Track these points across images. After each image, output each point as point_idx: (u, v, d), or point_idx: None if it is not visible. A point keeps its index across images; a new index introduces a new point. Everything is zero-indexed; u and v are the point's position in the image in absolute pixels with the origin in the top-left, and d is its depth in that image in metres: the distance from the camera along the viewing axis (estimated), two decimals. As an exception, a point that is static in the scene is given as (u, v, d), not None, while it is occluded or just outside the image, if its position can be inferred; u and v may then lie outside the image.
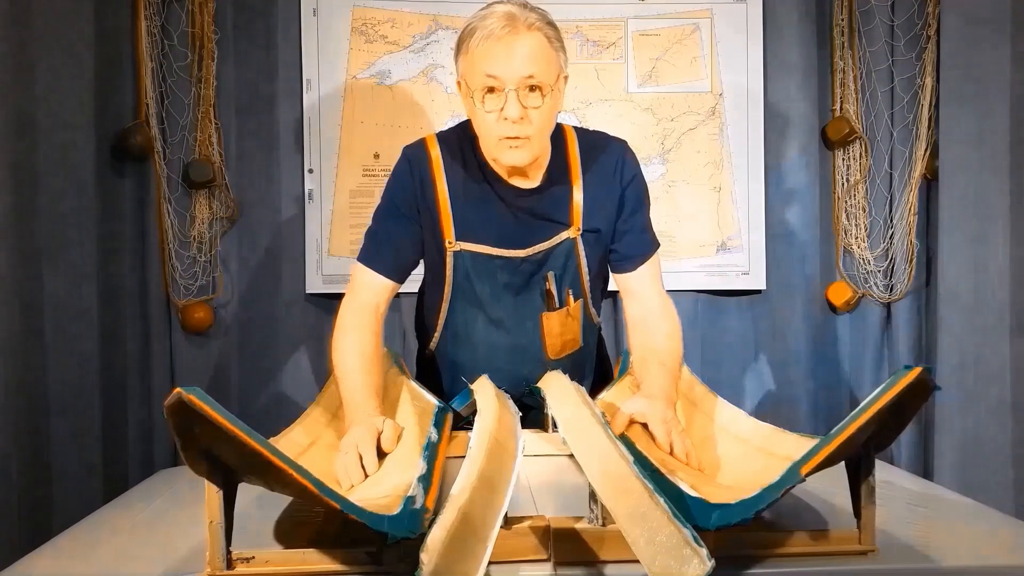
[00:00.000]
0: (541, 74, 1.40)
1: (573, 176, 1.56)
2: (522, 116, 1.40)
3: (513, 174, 1.52)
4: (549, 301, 1.59)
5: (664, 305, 1.56)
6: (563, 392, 1.32)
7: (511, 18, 1.39)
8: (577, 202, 1.55)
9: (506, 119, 1.40)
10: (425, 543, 0.79)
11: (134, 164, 2.42)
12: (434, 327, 1.66)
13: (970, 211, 2.37)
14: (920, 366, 0.89)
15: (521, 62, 1.38)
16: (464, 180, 1.54)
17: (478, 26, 1.40)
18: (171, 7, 2.47)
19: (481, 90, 1.41)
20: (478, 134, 1.50)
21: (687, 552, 0.79)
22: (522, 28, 1.38)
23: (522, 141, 1.42)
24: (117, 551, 1.07)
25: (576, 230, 1.56)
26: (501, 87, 1.39)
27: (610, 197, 1.57)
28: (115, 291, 2.32)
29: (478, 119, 1.46)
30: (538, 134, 1.45)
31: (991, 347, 2.33)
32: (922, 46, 2.55)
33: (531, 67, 1.39)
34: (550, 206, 1.55)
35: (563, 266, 1.58)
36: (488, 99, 1.41)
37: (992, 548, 1.05)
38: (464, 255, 1.55)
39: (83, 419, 2.16)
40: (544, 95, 1.41)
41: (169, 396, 0.77)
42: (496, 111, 1.41)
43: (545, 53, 1.41)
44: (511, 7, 1.41)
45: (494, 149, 1.46)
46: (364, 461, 1.15)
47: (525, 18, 1.39)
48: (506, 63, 1.38)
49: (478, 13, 1.43)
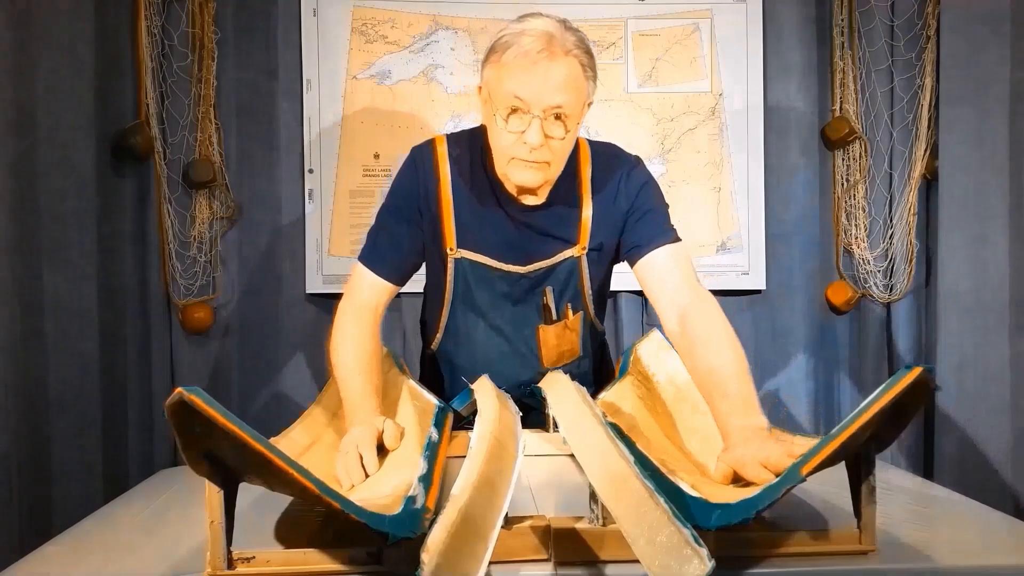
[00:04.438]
0: (569, 105, 1.34)
1: (583, 194, 1.52)
2: (542, 144, 1.35)
3: (522, 193, 1.49)
4: (546, 315, 1.57)
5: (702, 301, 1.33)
6: (563, 392, 1.31)
7: (549, 40, 1.32)
8: (585, 220, 1.52)
9: (525, 143, 1.35)
10: (426, 543, 0.79)
11: (134, 164, 2.42)
12: (435, 328, 1.66)
13: (970, 211, 2.37)
14: (920, 366, 0.89)
15: (552, 91, 1.32)
16: (469, 187, 1.51)
17: (514, 41, 1.33)
18: (171, 7, 2.47)
19: (505, 108, 1.35)
20: (492, 147, 1.45)
21: (687, 552, 0.79)
22: (559, 53, 1.32)
23: (539, 165, 1.39)
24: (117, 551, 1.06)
25: (582, 248, 1.53)
26: (526, 110, 1.34)
27: (616, 213, 1.52)
28: (115, 291, 2.32)
29: (495, 134, 1.40)
30: (556, 161, 1.41)
31: (991, 347, 2.33)
32: (922, 46, 2.55)
33: (561, 97, 1.33)
34: (555, 223, 1.52)
35: (564, 282, 1.56)
36: (512, 119, 1.35)
37: (992, 548, 1.05)
38: (464, 262, 1.54)
39: (83, 419, 2.16)
40: (568, 128, 1.36)
41: (170, 396, 0.77)
42: (517, 132, 1.36)
43: (577, 83, 1.35)
44: (550, 26, 1.34)
45: (506, 166, 1.42)
46: (364, 461, 1.15)
47: (563, 42, 1.33)
48: (536, 89, 1.32)
49: (516, 25, 1.36)
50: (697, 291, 1.36)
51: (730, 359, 1.22)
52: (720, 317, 1.29)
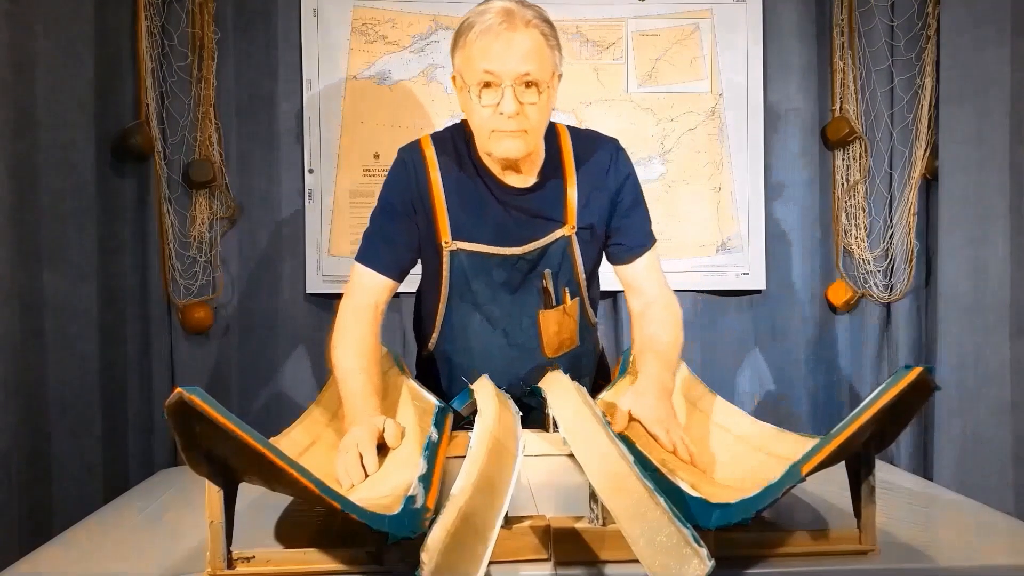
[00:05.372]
0: (537, 71, 1.41)
1: (567, 174, 1.57)
2: (518, 111, 1.41)
3: (507, 168, 1.53)
4: (546, 299, 1.60)
5: (665, 297, 1.58)
6: (563, 392, 1.32)
7: (509, 14, 1.40)
8: (571, 199, 1.57)
9: (502, 114, 1.41)
10: (425, 543, 0.79)
11: (134, 164, 2.42)
12: (432, 327, 1.66)
13: (970, 211, 2.37)
14: (920, 366, 0.89)
15: (518, 58, 1.39)
16: (459, 179, 1.55)
17: (475, 21, 1.41)
18: (171, 7, 2.47)
19: (478, 85, 1.42)
20: (473, 128, 1.51)
21: (687, 552, 0.79)
22: (520, 25, 1.40)
23: (518, 133, 1.44)
24: (117, 551, 1.07)
25: (571, 228, 1.57)
26: (498, 82, 1.40)
27: (603, 195, 1.59)
28: (115, 291, 2.32)
29: (473, 113, 1.47)
30: (533, 129, 1.46)
31: (991, 347, 2.33)
32: (922, 46, 2.55)
33: (528, 64, 1.40)
34: (544, 204, 1.56)
35: (559, 264, 1.59)
36: (484, 94, 1.42)
37: (992, 548, 1.05)
38: (460, 254, 1.56)
39: (83, 419, 2.16)
40: (540, 92, 1.43)
41: (170, 396, 0.77)
42: (492, 106, 1.42)
43: (541, 51, 1.42)
44: (508, 3, 1.42)
45: (488, 142, 1.47)
46: (364, 460, 1.15)
47: (522, 15, 1.41)
48: (503, 59, 1.39)
49: (475, 9, 1.44)
50: (664, 290, 1.60)
51: (669, 333, 1.51)
52: (675, 310, 1.56)
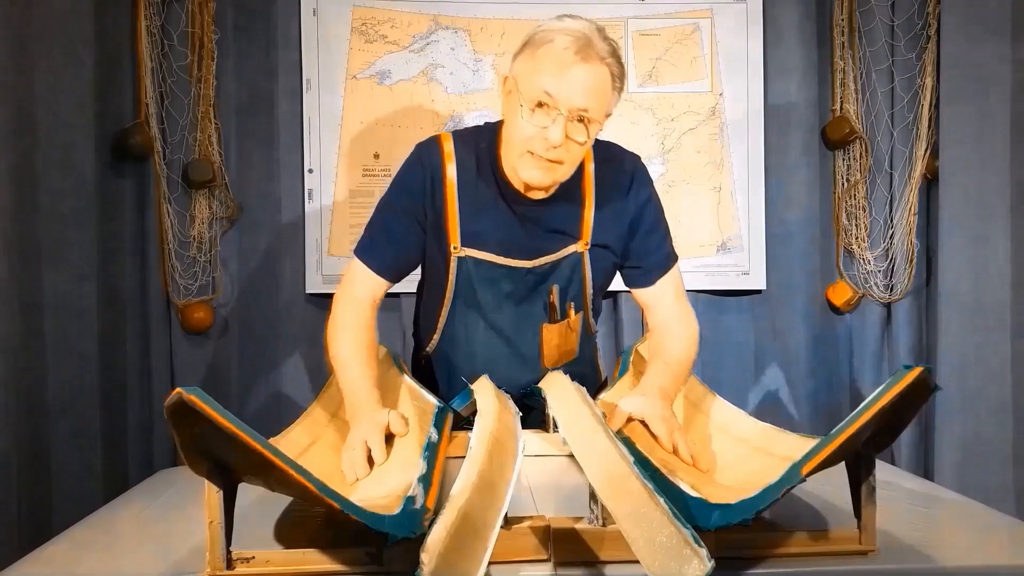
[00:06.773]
0: (595, 110, 1.37)
1: (586, 191, 1.53)
2: (562, 143, 1.37)
3: (528, 190, 1.49)
4: (552, 313, 1.58)
5: (683, 312, 1.56)
6: (563, 392, 1.31)
7: (587, 44, 1.34)
8: (588, 217, 1.53)
9: (546, 140, 1.36)
10: (425, 543, 0.79)
11: (134, 164, 2.42)
12: (433, 330, 1.64)
13: (970, 211, 2.37)
14: (920, 366, 0.89)
15: (581, 93, 1.34)
16: (475, 183, 1.51)
17: (551, 38, 1.35)
18: (171, 7, 2.47)
19: (532, 101, 1.36)
20: (507, 138, 1.45)
21: (687, 552, 0.79)
22: (594, 58, 1.34)
23: (553, 164, 1.40)
24: (117, 551, 1.06)
25: (584, 244, 1.54)
26: (553, 107, 1.35)
27: (622, 214, 1.55)
28: (115, 291, 2.32)
29: (516, 125, 1.40)
30: (570, 162, 1.42)
31: (991, 347, 2.33)
32: (922, 46, 2.55)
33: (588, 100, 1.35)
34: (560, 218, 1.53)
35: (568, 279, 1.56)
36: (537, 113, 1.36)
37: (992, 548, 1.05)
38: (468, 261, 1.53)
39: (83, 419, 2.16)
40: (589, 133, 1.38)
41: (169, 396, 0.77)
42: (539, 128, 1.37)
43: (605, 90, 1.37)
44: (588, 30, 1.36)
45: (517, 160, 1.42)
46: (372, 454, 1.15)
47: (599, 48, 1.35)
48: (566, 88, 1.34)
49: (555, 23, 1.38)
50: (682, 306, 1.58)
51: (683, 349, 1.49)
52: (692, 327, 1.54)
